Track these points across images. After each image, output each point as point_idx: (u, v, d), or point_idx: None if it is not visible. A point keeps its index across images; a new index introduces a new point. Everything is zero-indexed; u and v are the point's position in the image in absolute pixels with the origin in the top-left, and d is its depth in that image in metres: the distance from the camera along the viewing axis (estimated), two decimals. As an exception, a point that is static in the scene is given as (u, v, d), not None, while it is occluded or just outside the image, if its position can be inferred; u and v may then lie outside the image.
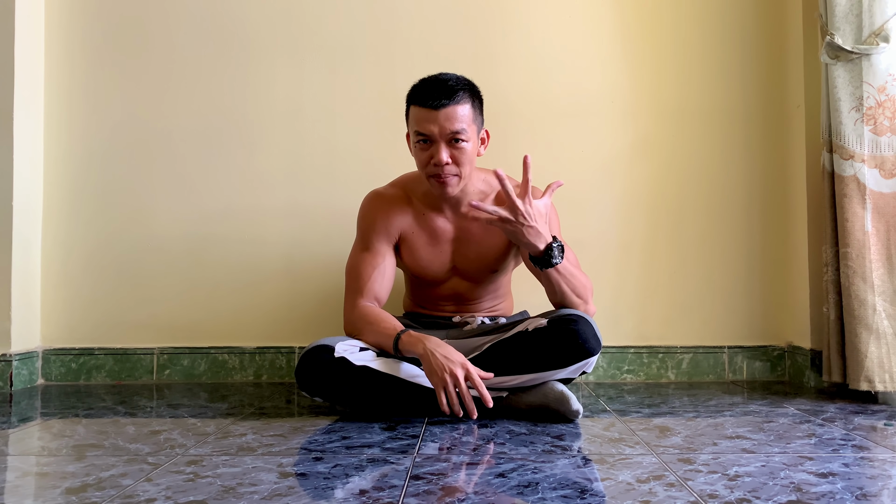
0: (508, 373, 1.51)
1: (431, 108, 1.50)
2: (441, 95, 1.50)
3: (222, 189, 2.11)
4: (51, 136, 2.13)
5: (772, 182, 2.09)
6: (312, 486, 1.05)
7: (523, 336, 1.51)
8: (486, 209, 1.44)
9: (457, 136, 1.51)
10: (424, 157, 1.55)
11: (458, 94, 1.51)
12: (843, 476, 1.09)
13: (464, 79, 1.57)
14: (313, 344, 1.54)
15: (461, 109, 1.52)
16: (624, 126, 2.10)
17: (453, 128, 1.50)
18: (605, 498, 0.99)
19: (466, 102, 1.53)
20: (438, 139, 1.51)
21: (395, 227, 1.66)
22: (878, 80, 1.71)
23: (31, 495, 1.04)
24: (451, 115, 1.50)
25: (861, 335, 1.68)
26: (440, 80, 1.53)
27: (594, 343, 1.48)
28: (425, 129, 1.51)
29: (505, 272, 1.75)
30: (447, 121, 1.50)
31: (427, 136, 1.52)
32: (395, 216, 1.66)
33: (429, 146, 1.53)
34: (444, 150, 1.51)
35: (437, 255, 1.68)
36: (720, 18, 2.10)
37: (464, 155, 1.53)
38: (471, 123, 1.54)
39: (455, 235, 1.67)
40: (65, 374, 2.09)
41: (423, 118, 1.51)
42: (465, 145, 1.53)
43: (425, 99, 1.51)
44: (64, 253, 2.12)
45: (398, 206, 1.67)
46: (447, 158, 1.51)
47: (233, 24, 2.13)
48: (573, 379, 1.56)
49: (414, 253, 1.68)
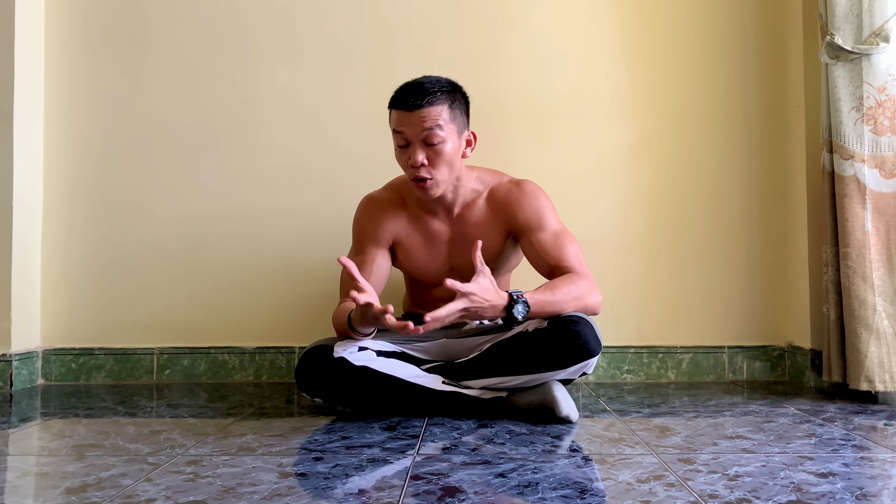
0: (508, 373, 1.51)
1: (406, 110, 1.50)
2: (415, 97, 1.49)
3: (222, 189, 2.11)
4: (51, 136, 2.13)
5: (772, 182, 2.09)
6: (312, 486, 1.05)
7: (523, 336, 1.51)
8: (440, 314, 1.37)
9: (430, 136, 1.49)
10: (403, 159, 1.54)
11: (432, 95, 1.50)
12: (843, 476, 1.09)
13: (444, 80, 1.55)
14: (312, 345, 1.54)
15: (435, 111, 1.49)
16: (624, 126, 2.10)
17: (425, 127, 1.49)
18: (605, 498, 0.99)
19: (443, 103, 1.51)
20: (413, 140, 1.51)
21: (387, 231, 1.66)
22: (878, 80, 1.71)
23: (31, 495, 1.04)
24: (425, 116, 1.49)
25: (861, 335, 1.68)
26: (417, 83, 1.52)
27: (594, 344, 1.47)
28: (399, 129, 1.51)
29: (503, 272, 1.75)
30: (421, 121, 1.49)
31: (403, 136, 1.52)
32: (387, 220, 1.66)
33: (405, 148, 1.53)
34: (420, 151, 1.50)
35: (434, 257, 1.68)
36: (720, 18, 2.10)
37: (440, 157, 1.51)
38: (448, 123, 1.51)
39: (451, 237, 1.66)
40: (65, 374, 2.09)
41: (398, 120, 1.51)
42: (442, 146, 1.51)
43: (401, 101, 1.51)
44: (64, 253, 2.12)
45: (391, 210, 1.66)
46: (422, 159, 1.50)
47: (233, 24, 2.13)
48: (573, 379, 1.56)
49: (410, 255, 1.68)
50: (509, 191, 1.63)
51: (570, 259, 1.58)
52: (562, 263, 1.57)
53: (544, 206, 1.62)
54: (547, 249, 1.59)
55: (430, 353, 1.63)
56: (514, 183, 1.65)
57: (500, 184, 1.65)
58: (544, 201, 1.63)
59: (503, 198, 1.63)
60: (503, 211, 1.62)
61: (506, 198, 1.63)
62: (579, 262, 1.59)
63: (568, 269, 1.56)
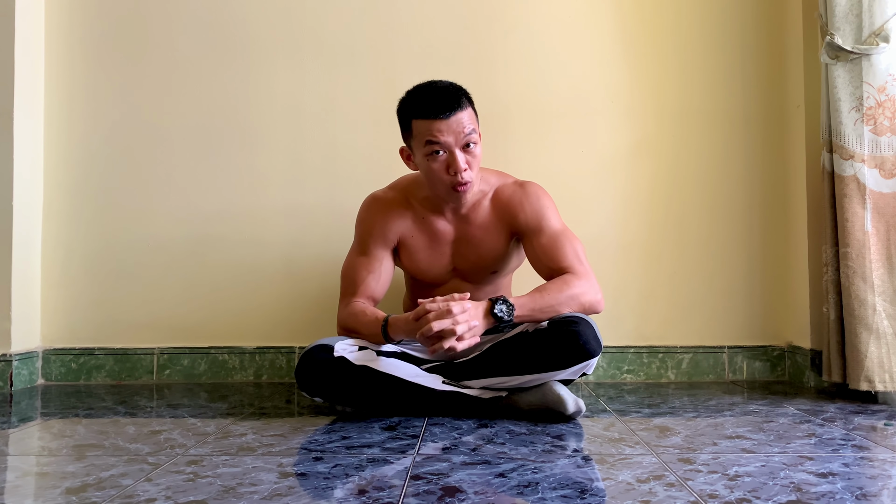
0: (509, 373, 1.51)
1: (442, 119, 1.49)
2: (447, 103, 1.49)
3: (222, 189, 2.11)
4: (51, 137, 2.13)
5: (772, 182, 2.09)
6: (312, 486, 1.05)
7: (524, 337, 1.51)
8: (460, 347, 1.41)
9: (469, 139, 1.52)
10: (440, 167, 1.53)
11: (460, 99, 1.52)
12: (843, 476, 1.09)
13: (456, 84, 1.57)
14: (313, 344, 1.54)
15: (467, 114, 1.52)
16: (624, 126, 2.10)
17: (465, 132, 1.51)
18: (605, 498, 0.99)
19: (468, 106, 1.54)
20: (453, 147, 1.51)
21: (392, 232, 1.66)
22: (878, 80, 1.71)
23: (31, 495, 1.04)
24: (461, 121, 1.50)
25: (861, 335, 1.68)
26: (439, 89, 1.53)
27: (595, 345, 1.47)
28: (439, 139, 1.50)
29: (505, 273, 1.75)
30: (459, 126, 1.50)
31: (441, 146, 1.51)
32: (393, 220, 1.66)
33: (444, 156, 1.52)
34: (461, 156, 1.51)
35: (437, 258, 1.68)
36: (720, 18, 2.10)
37: (475, 158, 1.54)
38: (476, 125, 1.55)
39: (455, 237, 1.67)
40: (65, 374, 2.09)
41: (434, 129, 1.50)
42: (476, 148, 1.54)
43: (431, 110, 1.49)
44: (64, 253, 2.12)
45: (396, 210, 1.66)
46: (465, 164, 1.52)
47: (233, 24, 2.13)
48: (573, 380, 1.56)
49: (413, 256, 1.68)
50: (513, 192, 1.64)
51: (567, 259, 1.57)
52: (560, 265, 1.57)
53: (546, 207, 1.63)
54: (545, 252, 1.60)
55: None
56: (517, 184, 1.66)
57: (504, 185, 1.66)
58: (546, 202, 1.63)
59: (507, 199, 1.64)
60: (506, 212, 1.63)
61: (509, 199, 1.63)
62: (578, 261, 1.58)
63: (566, 270, 1.56)
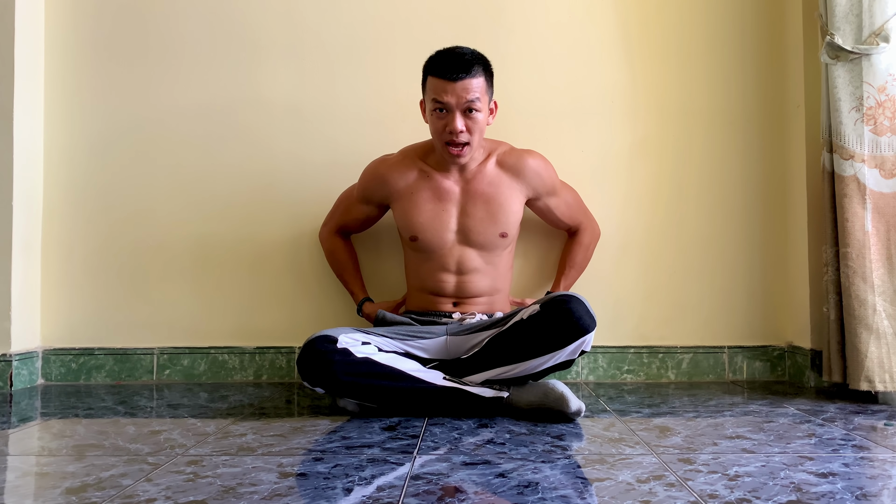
0: (508, 362, 1.54)
1: (449, 80, 1.61)
2: (458, 68, 1.61)
3: (222, 189, 2.11)
4: (51, 136, 2.13)
5: (772, 182, 2.09)
6: (312, 486, 1.05)
7: (520, 325, 1.55)
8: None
9: (471, 105, 1.63)
10: (440, 125, 1.65)
11: (473, 67, 1.63)
12: (843, 476, 1.09)
13: (478, 52, 1.68)
14: (316, 334, 1.56)
15: (476, 82, 1.63)
16: (624, 126, 2.10)
17: (469, 98, 1.62)
18: (605, 498, 0.99)
19: (480, 75, 1.65)
20: (454, 109, 1.63)
21: (388, 189, 1.79)
22: (878, 80, 1.71)
23: (31, 495, 1.04)
24: (467, 87, 1.62)
25: (861, 335, 1.68)
26: (457, 54, 1.64)
27: (588, 320, 1.52)
28: (443, 98, 1.62)
29: (510, 239, 1.79)
30: (464, 91, 1.61)
31: (444, 105, 1.63)
32: (393, 178, 1.78)
33: (445, 115, 1.64)
34: (459, 118, 1.63)
35: (440, 215, 1.74)
36: (720, 18, 2.10)
37: (476, 124, 1.65)
38: (483, 94, 1.65)
39: (461, 196, 1.75)
40: (65, 374, 2.09)
41: (440, 88, 1.62)
42: (478, 115, 1.65)
43: (444, 71, 1.62)
44: (64, 253, 2.12)
45: (398, 170, 1.78)
46: (462, 126, 1.63)
47: (233, 24, 2.13)
48: (573, 361, 1.58)
49: (412, 212, 1.75)
50: (525, 157, 1.79)
51: (579, 216, 1.93)
52: (576, 221, 1.93)
53: (554, 171, 1.85)
54: (563, 212, 1.89)
55: (432, 351, 1.67)
56: (527, 151, 1.81)
57: (510, 149, 1.80)
58: (552, 167, 1.84)
59: (522, 163, 1.77)
60: (520, 174, 1.77)
61: (525, 164, 1.78)
62: (584, 213, 1.95)
63: (579, 225, 1.93)
